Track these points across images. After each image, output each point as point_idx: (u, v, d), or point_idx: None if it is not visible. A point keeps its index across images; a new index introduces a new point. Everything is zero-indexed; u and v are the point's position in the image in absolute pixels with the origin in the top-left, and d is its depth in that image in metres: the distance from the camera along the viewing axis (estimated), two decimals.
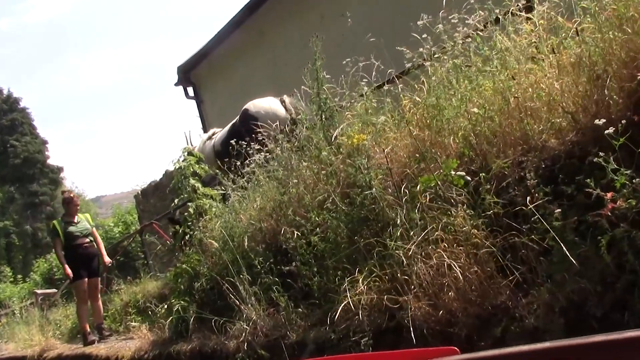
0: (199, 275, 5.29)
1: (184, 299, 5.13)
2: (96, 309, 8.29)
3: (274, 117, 7.03)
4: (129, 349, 6.24)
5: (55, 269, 21.49)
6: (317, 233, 3.98)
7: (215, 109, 10.88)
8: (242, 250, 4.76)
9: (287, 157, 4.77)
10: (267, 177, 4.90)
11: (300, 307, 4.01)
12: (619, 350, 1.00)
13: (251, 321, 4.22)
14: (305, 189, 4.35)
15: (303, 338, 3.79)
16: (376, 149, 3.88)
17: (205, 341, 4.84)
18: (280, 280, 4.15)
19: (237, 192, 5.13)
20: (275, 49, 10.00)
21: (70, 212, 8.31)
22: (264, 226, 4.70)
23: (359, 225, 3.73)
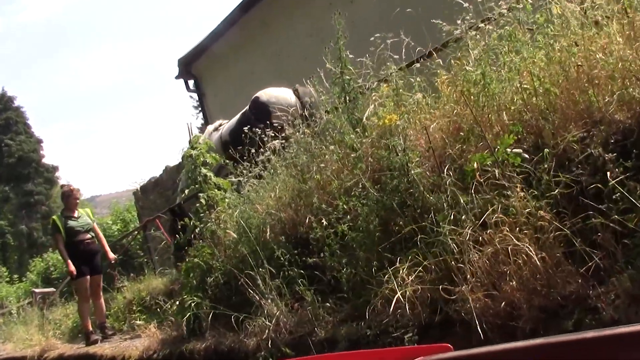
0: (212, 269, 4.97)
1: (197, 295, 4.81)
2: (98, 307, 7.95)
3: (286, 105, 6.71)
4: (136, 348, 5.91)
5: (52, 268, 21.12)
6: (345, 222, 3.67)
7: (218, 102, 10.54)
8: (260, 242, 4.45)
9: (307, 142, 4.46)
10: (285, 165, 4.58)
11: (329, 302, 3.69)
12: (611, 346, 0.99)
13: (273, 317, 3.90)
14: (330, 175, 4.03)
15: (333, 335, 3.48)
16: (409, 130, 3.57)
17: (221, 339, 4.52)
18: (305, 273, 3.83)
19: (252, 181, 4.81)
20: (280, 40, 9.68)
21: (70, 207, 7.96)
22: (283, 216, 4.38)
23: (392, 212, 3.42)
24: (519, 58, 3.00)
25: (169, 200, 13.51)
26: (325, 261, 3.83)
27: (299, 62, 9.00)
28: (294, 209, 4.44)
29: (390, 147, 3.41)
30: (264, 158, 4.91)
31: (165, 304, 5.82)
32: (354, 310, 3.53)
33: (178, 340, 5.23)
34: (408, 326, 2.93)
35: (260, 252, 4.09)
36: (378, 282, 3.20)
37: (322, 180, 4.03)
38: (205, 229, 5.14)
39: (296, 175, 4.44)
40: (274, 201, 4.53)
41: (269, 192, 4.65)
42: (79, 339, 9.00)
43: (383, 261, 3.30)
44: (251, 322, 4.15)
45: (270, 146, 4.94)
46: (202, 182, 5.12)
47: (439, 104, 3.45)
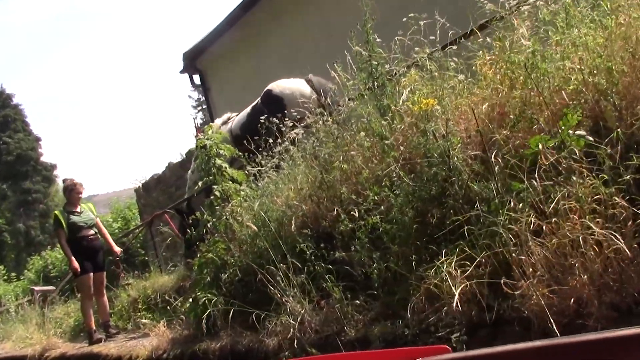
0: (226, 265, 4.71)
1: (211, 292, 4.54)
2: (102, 305, 7.67)
3: (300, 97, 6.45)
4: (143, 347, 5.64)
5: (51, 267, 20.78)
6: (376, 213, 3.42)
7: (223, 97, 10.27)
8: (281, 236, 4.20)
9: (331, 131, 4.20)
10: (307, 155, 4.32)
11: (358, 299, 3.44)
12: (611, 348, 0.98)
13: (297, 315, 3.64)
14: (359, 165, 3.78)
15: (365, 334, 3.22)
16: (445, 116, 3.32)
17: (238, 338, 4.26)
18: (332, 269, 3.58)
19: (270, 173, 4.55)
20: (290, 33, 9.41)
21: (72, 201, 7.68)
22: (305, 208, 4.13)
23: (430, 203, 3.17)
24: (575, 34, 2.75)
25: (172, 197, 13.25)
26: (352, 256, 3.58)
27: (310, 55, 8.75)
28: (315, 202, 4.19)
29: (428, 133, 3.16)
30: (282, 149, 4.65)
31: (175, 301, 5.56)
32: (386, 308, 3.29)
33: (190, 339, 4.97)
34: (453, 325, 2.68)
35: (282, 246, 3.83)
36: (417, 278, 2.95)
37: (348, 171, 3.77)
38: (220, 223, 4.88)
39: (318, 166, 4.18)
40: (295, 193, 4.27)
41: (288, 184, 4.39)
42: (81, 337, 8.72)
43: (421, 255, 3.06)
44: (271, 320, 3.90)
45: (289, 136, 4.68)
46: (216, 173, 4.86)
47: (480, 87, 3.20)
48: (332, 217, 4.07)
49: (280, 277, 3.84)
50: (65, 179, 7.76)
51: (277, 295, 3.85)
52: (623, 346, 0.98)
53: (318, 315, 3.59)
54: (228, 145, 5.12)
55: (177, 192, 13.17)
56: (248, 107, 7.46)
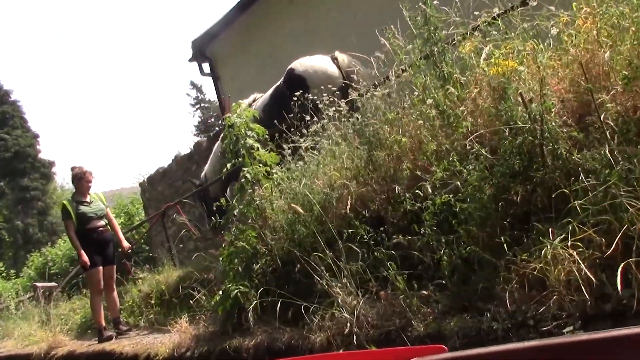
0: (258, 254, 4.28)
1: (242, 283, 4.11)
2: (111, 300, 7.22)
3: (325, 76, 6.01)
4: (162, 345, 5.20)
5: (51, 263, 20.27)
6: (445, 192, 2.99)
7: (235, 85, 9.81)
8: (324, 221, 3.77)
9: (380, 105, 3.77)
10: (353, 132, 3.89)
11: (425, 289, 3.00)
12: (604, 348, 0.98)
13: (351, 308, 3.21)
14: (417, 140, 3.35)
15: (437, 329, 2.79)
16: (525, 82, 2.89)
17: (276, 334, 3.82)
18: (395, 255, 3.14)
19: (309, 153, 4.12)
20: (308, 16, 8.96)
21: (81, 191, 7.22)
22: (353, 190, 3.69)
23: (514, 178, 2.75)
24: None
25: (179, 191, 12.80)
26: (413, 241, 3.15)
27: (328, 39, 8.32)
28: (362, 182, 3.76)
29: (511, 97, 2.73)
30: (320, 127, 4.22)
31: (196, 295, 5.12)
32: (459, 299, 2.86)
33: (216, 336, 4.53)
34: (560, 317, 2.25)
35: (331, 230, 3.39)
36: (507, 263, 2.52)
37: (406, 146, 3.34)
38: (250, 209, 4.44)
39: (366, 143, 3.75)
40: (339, 173, 3.84)
41: (331, 164, 3.96)
42: (89, 335, 8.27)
43: (507, 237, 2.63)
44: (316, 314, 3.47)
45: (328, 114, 4.25)
46: (245, 155, 4.42)
47: (573, 45, 2.77)
48: (382, 199, 3.64)
49: (329, 265, 3.40)
50: (74, 167, 7.30)
51: (324, 286, 3.41)
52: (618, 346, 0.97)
53: (375, 308, 3.16)
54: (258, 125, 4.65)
55: (184, 186, 12.72)
56: (271, 88, 7.03)
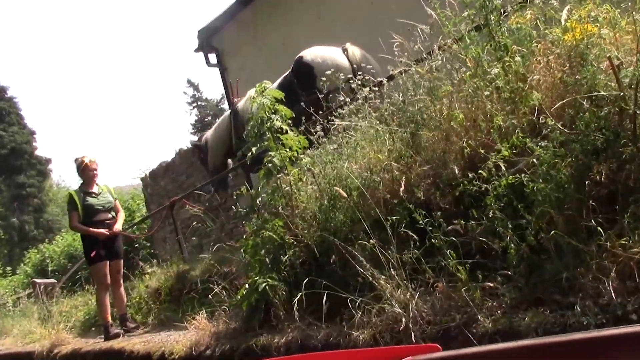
0: (285, 245, 3.95)
1: (270, 276, 3.77)
2: (118, 296, 6.87)
3: (334, 67, 5.76)
4: (177, 343, 4.86)
5: (49, 260, 19.87)
6: (515, 172, 2.67)
7: (244, 76, 9.39)
8: (362, 209, 3.45)
9: (423, 81, 3.45)
10: (395, 111, 3.56)
11: (488, 280, 2.68)
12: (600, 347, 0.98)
13: (400, 302, 2.88)
14: (473, 116, 3.03)
15: (509, 325, 2.46)
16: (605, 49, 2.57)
17: (310, 331, 3.49)
18: (457, 242, 2.81)
19: (345, 133, 3.79)
20: (322, 2, 8.61)
21: (88, 181, 6.86)
22: (396, 174, 3.36)
23: (593, 155, 2.43)
24: None
25: (182, 185, 12.46)
26: (471, 227, 2.82)
27: (345, 26, 7.99)
28: (405, 165, 3.43)
29: (593, 64, 2.41)
30: (353, 108, 3.89)
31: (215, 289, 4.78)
32: (531, 291, 2.53)
33: (239, 333, 4.20)
34: None
35: (379, 216, 3.07)
36: (599, 250, 2.20)
37: (463, 123, 3.01)
38: (276, 197, 4.11)
39: (410, 122, 3.42)
40: (381, 156, 3.51)
41: (368, 146, 3.63)
42: (93, 332, 7.93)
43: (590, 222, 2.31)
44: (358, 309, 3.14)
45: (361, 94, 3.93)
46: (271, 138, 4.08)
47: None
48: (428, 183, 3.32)
49: (373, 255, 3.08)
50: (77, 158, 6.93)
51: (367, 277, 3.09)
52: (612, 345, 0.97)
53: (428, 302, 2.84)
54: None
55: (188, 180, 12.39)
56: (280, 77, 6.73)
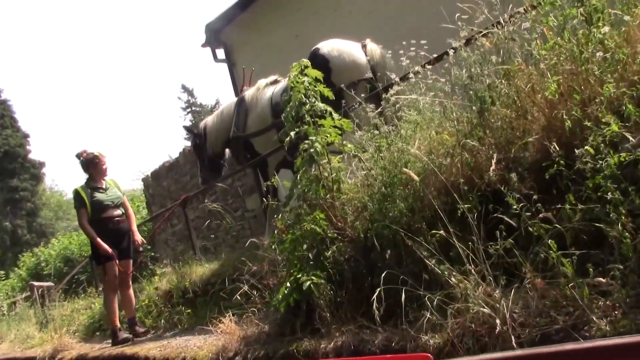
0: (328, 239, 3.52)
1: (315, 274, 3.34)
2: (127, 299, 6.41)
3: (351, 62, 5.43)
4: (200, 348, 4.41)
5: (44, 264, 19.28)
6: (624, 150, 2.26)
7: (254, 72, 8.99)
8: (422, 196, 3.03)
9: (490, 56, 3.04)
10: (459, 87, 3.15)
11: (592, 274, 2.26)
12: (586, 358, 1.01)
13: (484, 301, 2.46)
14: (565, 88, 2.61)
15: (637, 328, 2.04)
16: None
17: (364, 335, 3.06)
18: (563, 230, 2.39)
19: (402, 113, 3.37)
20: None
21: (95, 177, 6.40)
22: (466, 158, 2.95)
23: None
24: None
25: (187, 186, 11.98)
26: (566, 213, 2.41)
27: (362, 18, 7.60)
28: (472, 147, 3.01)
29: None
30: (406, 87, 3.48)
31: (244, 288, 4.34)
32: None
33: (274, 337, 3.75)
34: None
35: (439, 206, 2.66)
36: None
37: (557, 93, 2.60)
38: (315, 187, 3.69)
39: (477, 99, 3.01)
40: (440, 137, 3.09)
41: (427, 128, 3.22)
42: (97, 337, 7.45)
43: None
44: (423, 309, 2.72)
45: (412, 75, 3.52)
46: (311, 122, 3.66)
47: None
48: (500, 167, 2.91)
49: (442, 248, 2.66)
50: (81, 153, 6.46)
51: (440, 273, 2.67)
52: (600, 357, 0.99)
53: (520, 301, 2.42)
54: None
55: (192, 181, 11.92)
56: None
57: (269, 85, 6.70)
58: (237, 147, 6.78)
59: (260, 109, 6.56)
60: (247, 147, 6.68)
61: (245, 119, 6.73)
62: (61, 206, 45.89)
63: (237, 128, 6.75)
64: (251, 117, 6.68)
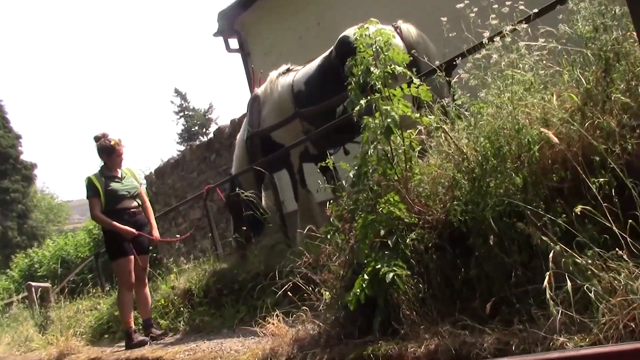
0: (404, 225, 2.98)
1: (397, 264, 2.79)
2: (143, 298, 5.82)
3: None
4: (239, 352, 3.84)
5: (37, 265, 18.54)
6: None
7: (269, 62, 8.41)
8: (535, 172, 2.50)
9: None
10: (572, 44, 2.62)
11: None
12: None
13: None
14: None
15: None
16: None
17: (467, 337, 2.50)
18: None
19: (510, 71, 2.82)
20: None
21: (111, 165, 5.82)
22: (594, 121, 2.41)
23: None
24: None
25: (193, 183, 11.40)
26: None
27: (391, 3, 7.08)
28: (591, 117, 2.48)
29: None
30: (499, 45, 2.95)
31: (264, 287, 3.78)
32: None
33: (336, 339, 3.18)
34: None
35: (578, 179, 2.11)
36: None
37: None
38: (385, 166, 3.15)
39: (599, 59, 2.49)
40: (558, 102, 2.56)
41: (535, 91, 2.68)
42: (105, 340, 6.84)
43: None
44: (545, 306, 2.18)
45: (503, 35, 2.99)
46: (383, 90, 3.11)
47: None
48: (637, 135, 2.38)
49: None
50: (99, 136, 5.88)
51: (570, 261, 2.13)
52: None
53: None
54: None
55: (200, 177, 11.33)
56: (316, 59, 5.81)
57: (282, 75, 6.19)
58: (254, 145, 6.22)
59: (278, 99, 6.05)
60: (265, 143, 6.13)
61: (259, 115, 6.21)
62: (52, 209, 45.05)
63: (251, 127, 6.22)
64: (266, 110, 6.17)
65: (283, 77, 6.17)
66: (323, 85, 5.36)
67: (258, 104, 6.17)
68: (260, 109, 6.12)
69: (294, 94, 5.83)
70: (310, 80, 5.70)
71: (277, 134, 5.89)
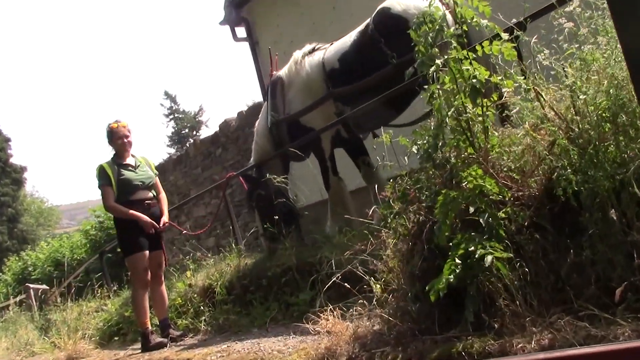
0: (489, 203, 2.54)
1: (493, 245, 2.35)
2: (159, 296, 5.34)
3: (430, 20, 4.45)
4: (283, 353, 3.38)
5: (31, 268, 17.88)
6: None
7: (280, 49, 7.97)
8: None
9: None
10: None
11: None
12: None
13: None
14: None
15: None
16: None
17: (600, 331, 2.07)
18: None
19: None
20: None
21: (121, 152, 5.33)
22: None
23: None
24: None
25: (198, 179, 10.91)
26: None
27: None
28: None
29: None
30: None
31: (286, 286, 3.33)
32: None
33: (410, 336, 2.73)
34: None
35: None
36: None
37: None
38: (461, 138, 2.72)
39: None
40: None
41: None
42: (115, 343, 6.34)
43: None
44: None
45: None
46: (457, 47, 2.68)
47: None
48: None
49: None
50: (110, 125, 5.40)
51: None
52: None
53: None
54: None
55: (204, 174, 10.84)
56: (349, 35, 5.36)
57: (307, 55, 5.72)
58: (280, 132, 5.73)
59: (307, 79, 5.57)
60: (291, 128, 5.64)
61: (283, 99, 5.73)
62: (42, 213, 44.23)
63: (275, 112, 5.71)
64: (292, 92, 5.69)
65: (309, 57, 5.70)
66: (360, 62, 4.91)
67: (282, 87, 5.69)
68: (284, 92, 5.65)
69: (327, 73, 5.35)
70: (345, 57, 5.22)
71: (307, 117, 5.42)
